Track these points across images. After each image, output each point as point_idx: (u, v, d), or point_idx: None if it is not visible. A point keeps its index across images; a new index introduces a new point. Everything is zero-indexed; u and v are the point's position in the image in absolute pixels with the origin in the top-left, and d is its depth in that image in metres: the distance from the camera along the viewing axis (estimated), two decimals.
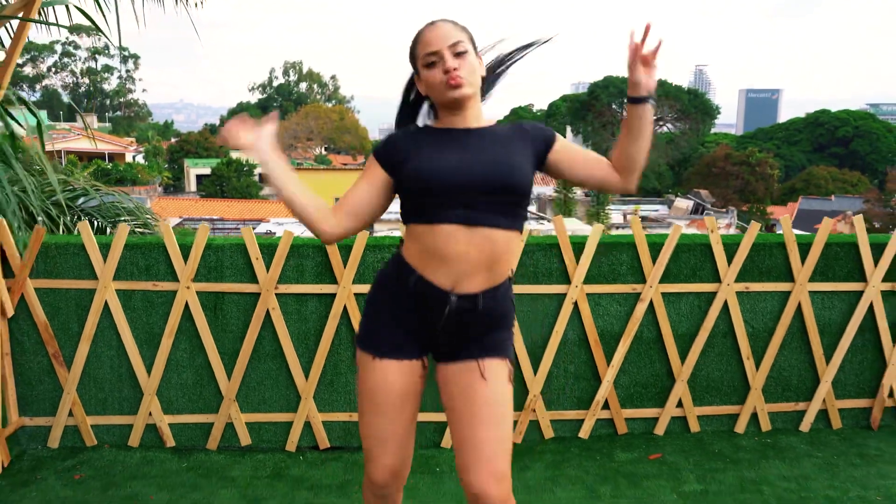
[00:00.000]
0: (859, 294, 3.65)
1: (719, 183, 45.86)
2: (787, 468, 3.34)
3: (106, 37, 3.23)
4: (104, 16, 3.34)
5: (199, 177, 47.17)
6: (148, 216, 5.43)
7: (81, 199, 5.22)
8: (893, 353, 3.70)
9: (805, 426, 3.73)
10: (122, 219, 4.89)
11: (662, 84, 54.56)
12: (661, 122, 57.49)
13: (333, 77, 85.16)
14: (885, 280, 3.64)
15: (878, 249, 3.63)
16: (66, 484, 3.17)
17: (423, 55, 1.87)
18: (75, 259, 3.38)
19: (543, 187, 37.48)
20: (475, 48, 1.92)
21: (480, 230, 1.83)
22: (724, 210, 33.85)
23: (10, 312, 3.35)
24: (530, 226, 17.66)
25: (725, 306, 3.60)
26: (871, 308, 3.66)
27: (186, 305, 3.42)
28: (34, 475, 3.23)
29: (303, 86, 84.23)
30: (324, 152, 66.90)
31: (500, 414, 1.92)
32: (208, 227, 3.42)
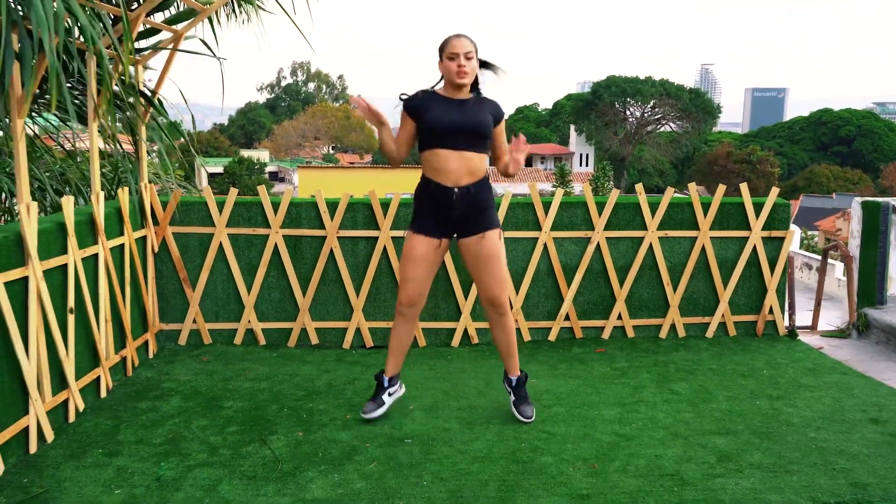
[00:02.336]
0: (746, 239, 5.17)
1: (721, 180, 47.09)
2: (689, 355, 4.85)
3: (221, 63, 4.72)
4: (215, 36, 4.81)
5: (210, 175, 48.60)
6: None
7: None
8: (771, 281, 5.21)
9: (709, 333, 5.24)
10: None
11: (664, 84, 55.84)
12: (663, 121, 58.93)
13: (341, 77, 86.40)
14: (764, 229, 5.15)
15: (758, 207, 5.14)
16: (198, 363, 4.70)
17: (448, 52, 3.36)
18: (200, 212, 4.92)
19: (545, 184, 38.91)
20: (477, 54, 3.41)
21: (462, 152, 3.38)
22: None
23: (156, 249, 4.88)
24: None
25: (651, 247, 5.12)
26: (754, 249, 5.17)
27: (275, 245, 4.95)
28: (175, 358, 4.77)
29: (311, 86, 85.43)
30: (331, 151, 68.35)
31: (499, 259, 3.54)
32: (292, 189, 4.93)
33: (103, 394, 4.04)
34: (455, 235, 3.57)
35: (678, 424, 3.70)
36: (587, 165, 55.83)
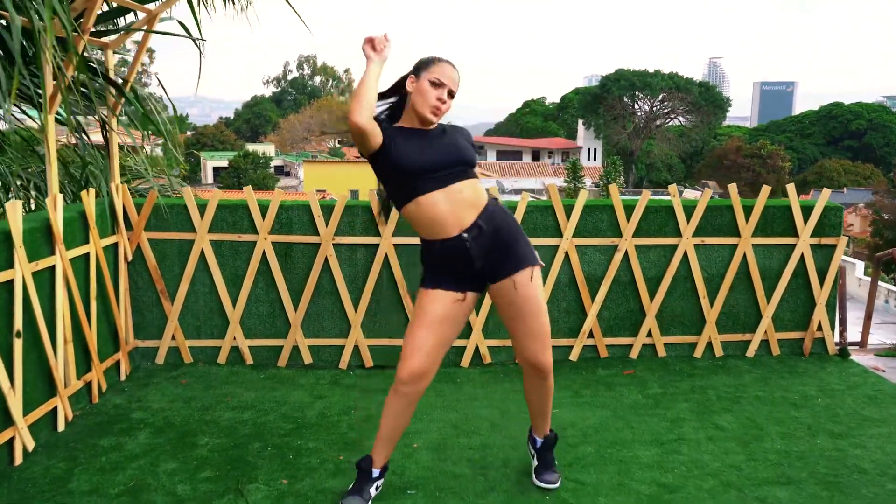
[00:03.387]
0: (792, 247, 4.59)
1: (730, 175, 46.33)
2: (730, 379, 4.29)
3: (199, 48, 4.18)
4: (198, 23, 4.26)
5: (215, 169, 48.14)
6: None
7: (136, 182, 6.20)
8: (821, 294, 4.64)
9: (750, 352, 4.67)
10: None
11: (673, 77, 55.06)
12: (672, 115, 58.09)
13: (347, 70, 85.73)
14: (812, 235, 4.58)
15: (807, 211, 4.56)
16: (175, 386, 4.16)
17: (433, 76, 2.62)
18: (179, 216, 4.37)
19: (555, 179, 38.30)
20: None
21: (450, 186, 2.63)
22: None
23: (129, 258, 4.34)
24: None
25: (685, 256, 4.55)
26: (802, 258, 4.60)
27: (263, 253, 4.40)
28: (150, 380, 4.23)
29: (317, 79, 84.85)
30: (337, 145, 67.81)
31: (537, 308, 2.73)
32: (282, 192, 4.40)
33: (61, 427, 3.51)
34: (479, 288, 2.81)
35: (729, 471, 3.15)
36: (595, 160, 55.12)
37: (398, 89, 2.77)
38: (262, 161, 44.37)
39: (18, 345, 3.17)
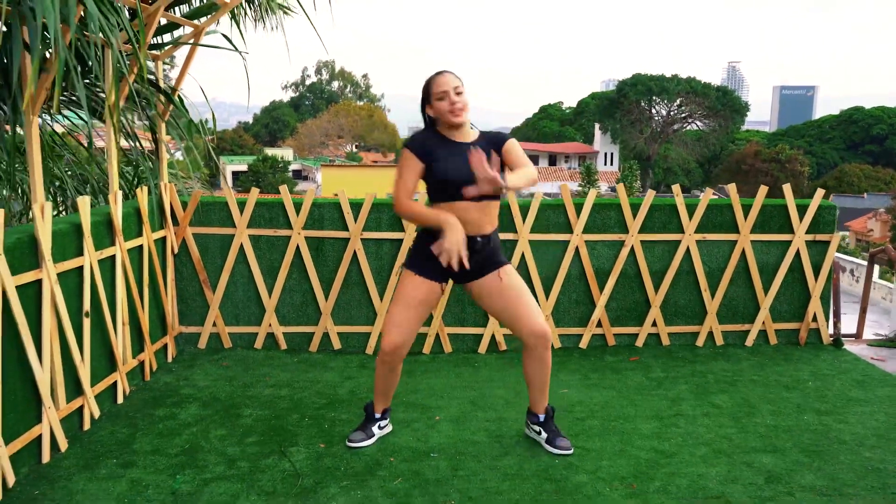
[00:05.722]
0: (789, 243, 4.92)
1: (748, 180, 46.23)
2: (729, 365, 4.62)
3: (243, 57, 4.60)
4: (242, 37, 4.69)
5: (234, 173, 48.81)
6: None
7: None
8: (815, 287, 4.95)
9: (749, 342, 5.00)
10: None
11: (690, 82, 55.09)
12: (689, 120, 58.13)
13: (365, 76, 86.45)
14: (808, 232, 4.90)
15: (802, 209, 4.89)
16: (218, 368, 4.56)
17: (437, 93, 3.04)
18: (221, 213, 4.78)
19: (571, 183, 38.57)
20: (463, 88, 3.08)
21: (480, 203, 3.08)
22: None
23: (175, 251, 4.76)
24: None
25: (688, 251, 4.89)
26: (797, 253, 4.92)
27: (297, 247, 4.80)
28: (195, 362, 4.64)
29: (335, 84, 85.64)
30: (355, 149, 68.45)
31: (524, 291, 3.21)
32: (314, 189, 4.79)
33: (120, 400, 3.92)
34: (458, 281, 3.27)
35: (720, 441, 3.49)
36: (612, 164, 55.26)
37: (427, 118, 3.22)
38: (280, 165, 44.94)
39: (87, 324, 3.58)
